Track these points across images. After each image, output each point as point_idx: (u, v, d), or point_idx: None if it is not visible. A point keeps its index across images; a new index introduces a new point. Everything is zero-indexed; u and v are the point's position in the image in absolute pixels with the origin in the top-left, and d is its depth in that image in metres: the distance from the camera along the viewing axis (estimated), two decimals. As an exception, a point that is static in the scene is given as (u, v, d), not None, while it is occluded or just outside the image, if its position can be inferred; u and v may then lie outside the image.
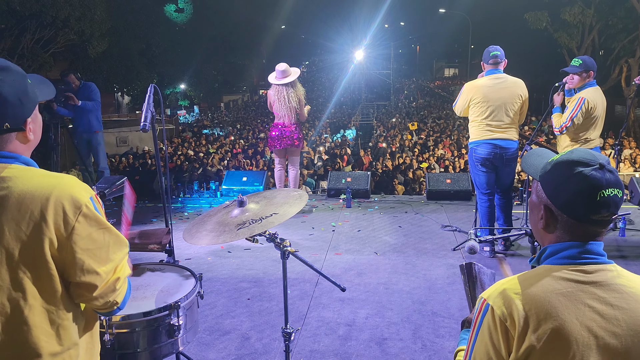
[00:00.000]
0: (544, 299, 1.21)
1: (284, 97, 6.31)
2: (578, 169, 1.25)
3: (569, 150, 1.34)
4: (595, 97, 4.60)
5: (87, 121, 7.20)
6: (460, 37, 50.31)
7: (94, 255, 1.35)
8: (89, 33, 14.36)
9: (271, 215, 2.08)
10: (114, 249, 1.41)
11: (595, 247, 1.29)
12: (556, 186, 1.29)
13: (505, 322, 1.21)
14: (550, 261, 1.31)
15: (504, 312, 1.22)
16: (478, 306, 1.30)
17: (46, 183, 1.31)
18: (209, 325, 3.60)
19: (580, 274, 1.25)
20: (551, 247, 1.32)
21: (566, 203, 1.27)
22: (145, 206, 7.33)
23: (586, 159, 1.27)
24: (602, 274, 1.26)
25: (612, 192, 1.23)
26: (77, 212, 1.31)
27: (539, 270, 1.30)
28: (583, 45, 21.22)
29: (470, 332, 1.31)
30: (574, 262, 1.27)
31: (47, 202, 1.28)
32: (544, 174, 1.34)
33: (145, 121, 2.42)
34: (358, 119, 32.06)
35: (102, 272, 1.37)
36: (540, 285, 1.24)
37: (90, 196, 1.37)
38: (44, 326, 1.32)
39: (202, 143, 18.67)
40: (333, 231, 5.88)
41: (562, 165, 1.29)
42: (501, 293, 1.26)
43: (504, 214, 4.99)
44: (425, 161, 13.83)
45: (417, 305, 3.88)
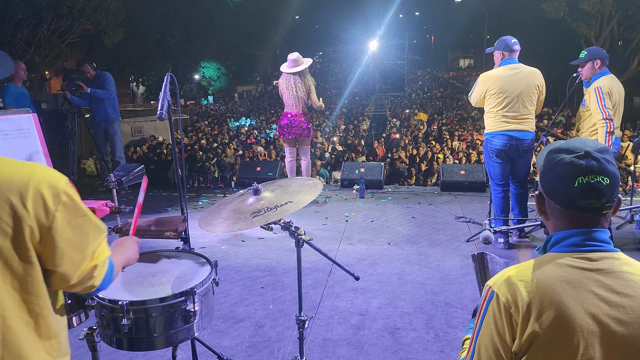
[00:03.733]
0: (548, 286, 1.22)
1: (292, 86, 6.31)
2: (560, 156, 1.29)
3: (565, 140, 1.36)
4: (609, 83, 4.54)
5: (103, 110, 7.28)
6: (476, 27, 49.71)
7: (73, 244, 1.33)
8: (105, 23, 14.45)
9: (286, 204, 2.09)
10: (93, 236, 1.39)
11: (600, 234, 1.29)
12: (544, 173, 1.34)
13: (509, 309, 1.23)
14: (555, 249, 1.32)
15: (508, 299, 1.24)
16: (484, 293, 1.31)
17: (22, 171, 1.28)
18: (223, 313, 3.64)
19: (585, 262, 1.26)
20: (556, 235, 1.33)
21: (551, 189, 1.31)
22: (160, 195, 7.40)
23: (573, 146, 1.29)
24: (607, 261, 1.26)
25: (592, 178, 1.24)
26: (57, 201, 1.29)
27: (544, 258, 1.31)
28: (601, 36, 20.87)
29: (476, 319, 1.33)
30: (578, 250, 1.28)
31: (26, 191, 1.25)
32: (540, 161, 1.38)
33: (162, 109, 2.44)
34: (372, 109, 31.92)
35: (80, 260, 1.35)
36: (545, 272, 1.25)
37: (65, 181, 1.35)
38: (24, 316, 1.29)
39: (216, 133, 18.75)
40: (346, 221, 5.89)
41: (550, 153, 1.34)
42: (506, 280, 1.27)
43: (519, 205, 4.96)
44: (440, 152, 13.75)
45: (430, 296, 3.88)
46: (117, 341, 2.02)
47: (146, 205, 6.76)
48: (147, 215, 6.24)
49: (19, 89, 6.68)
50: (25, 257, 1.27)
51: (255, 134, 18.51)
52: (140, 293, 2.03)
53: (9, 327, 1.26)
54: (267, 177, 7.63)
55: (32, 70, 12.84)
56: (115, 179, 2.42)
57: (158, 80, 22.50)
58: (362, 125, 22.49)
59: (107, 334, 2.02)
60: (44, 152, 2.59)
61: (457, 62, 71.02)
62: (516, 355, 1.24)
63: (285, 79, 6.39)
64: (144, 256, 2.36)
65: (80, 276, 1.37)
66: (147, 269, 2.24)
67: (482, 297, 1.31)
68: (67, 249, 1.32)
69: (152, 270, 2.22)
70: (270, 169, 7.88)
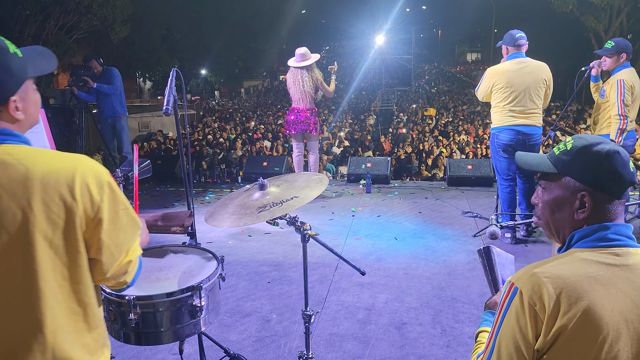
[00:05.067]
0: (575, 282, 1.20)
1: (299, 80, 6.30)
2: (606, 147, 1.29)
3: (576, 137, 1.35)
4: (632, 77, 4.51)
5: (111, 106, 7.31)
6: (483, 21, 49.42)
7: (113, 236, 1.35)
8: (112, 19, 14.47)
9: (292, 199, 2.09)
10: (131, 231, 1.41)
11: (624, 229, 1.28)
12: (594, 168, 1.29)
13: (534, 306, 1.20)
14: (580, 244, 1.30)
15: (532, 296, 1.21)
16: (505, 289, 1.28)
17: (67, 163, 1.30)
18: (230, 308, 3.66)
19: (611, 257, 1.24)
20: (579, 233, 1.31)
21: (608, 180, 1.28)
22: (167, 190, 7.43)
23: (600, 139, 1.32)
24: (632, 257, 1.25)
25: (632, 162, 1.31)
26: (102, 192, 1.32)
27: (569, 254, 1.29)
28: (611, 29, 20.67)
29: (496, 316, 1.30)
30: (604, 245, 1.26)
31: (73, 183, 1.27)
32: (569, 163, 1.33)
33: (168, 105, 2.44)
34: (378, 104, 31.81)
35: (117, 253, 1.37)
36: (571, 268, 1.23)
37: (107, 173, 1.37)
38: (73, 306, 1.32)
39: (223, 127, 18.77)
40: (353, 216, 5.89)
41: (587, 149, 1.31)
42: (531, 277, 1.24)
43: (526, 200, 4.94)
44: (446, 147, 13.70)
45: (436, 291, 3.88)
46: (124, 335, 2.03)
47: (153, 200, 6.82)
48: (154, 209, 6.27)
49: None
50: (74, 247, 1.30)
51: (262, 129, 18.51)
52: (147, 288, 2.04)
53: (57, 318, 1.29)
54: (273, 172, 7.63)
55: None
56: (121, 174, 2.43)
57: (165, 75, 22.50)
58: (369, 120, 22.43)
59: (115, 328, 2.04)
60: (51, 148, 2.60)
61: (465, 56, 70.74)
62: (538, 352, 1.21)
63: (293, 73, 6.37)
64: (151, 251, 2.37)
65: (115, 270, 1.39)
66: (154, 263, 2.25)
67: (504, 294, 1.28)
68: (108, 240, 1.34)
69: (158, 265, 2.23)
70: (276, 164, 7.88)
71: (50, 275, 1.27)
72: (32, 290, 1.26)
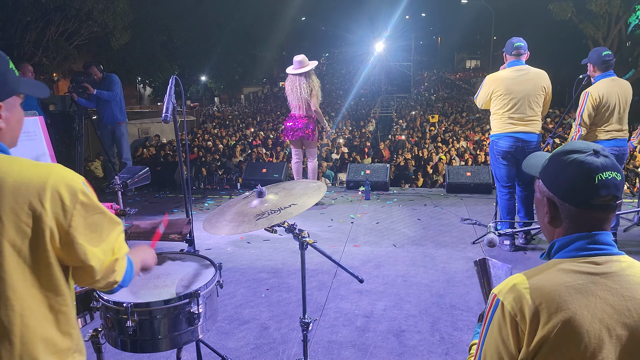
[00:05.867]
0: (555, 292, 1.21)
1: (297, 87, 6.31)
2: (573, 156, 1.28)
3: (564, 144, 1.35)
4: (601, 88, 4.52)
5: (110, 112, 7.33)
6: (483, 28, 49.54)
7: (92, 240, 1.36)
8: (112, 25, 14.50)
9: (290, 206, 2.10)
10: (110, 231, 1.41)
11: (604, 237, 1.29)
12: (555, 176, 1.31)
13: (515, 317, 1.22)
14: (560, 255, 1.31)
15: (514, 307, 1.22)
16: (489, 301, 1.31)
17: (39, 172, 1.31)
18: (228, 315, 3.65)
19: (590, 266, 1.25)
20: (559, 241, 1.32)
21: (566, 190, 1.28)
22: (166, 197, 7.43)
23: (580, 147, 1.30)
24: (612, 264, 1.25)
25: (609, 174, 1.25)
26: (75, 200, 1.32)
27: (549, 265, 1.30)
28: (609, 37, 20.74)
29: (482, 327, 1.32)
30: (583, 254, 1.27)
31: (44, 191, 1.27)
32: (543, 169, 1.36)
33: (167, 112, 2.45)
34: (377, 111, 31.86)
35: (101, 255, 1.38)
36: (551, 278, 1.25)
37: (82, 181, 1.37)
38: (45, 312, 1.33)
39: (223, 134, 18.79)
40: (352, 223, 5.89)
41: (558, 156, 1.32)
42: (511, 288, 1.26)
43: (525, 207, 4.94)
44: (446, 154, 13.71)
45: (435, 298, 3.87)
46: (121, 343, 2.03)
47: (152, 206, 6.81)
48: (152, 217, 6.26)
49: (27, 91, 6.72)
50: (44, 257, 1.30)
51: (261, 135, 18.53)
52: (145, 295, 2.04)
53: (26, 325, 1.29)
54: (273, 178, 7.64)
55: (40, 72, 12.91)
56: (120, 181, 2.43)
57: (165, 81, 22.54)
58: (368, 126, 22.46)
59: (112, 335, 2.03)
60: (50, 155, 2.61)
61: (464, 63, 70.87)
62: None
63: (291, 80, 6.39)
64: (149, 258, 2.37)
65: (103, 271, 1.40)
66: (152, 271, 2.24)
67: (488, 305, 1.31)
68: (87, 245, 1.35)
69: (156, 273, 2.23)
70: (276, 171, 7.89)
71: (19, 283, 1.28)
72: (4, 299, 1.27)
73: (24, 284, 1.28)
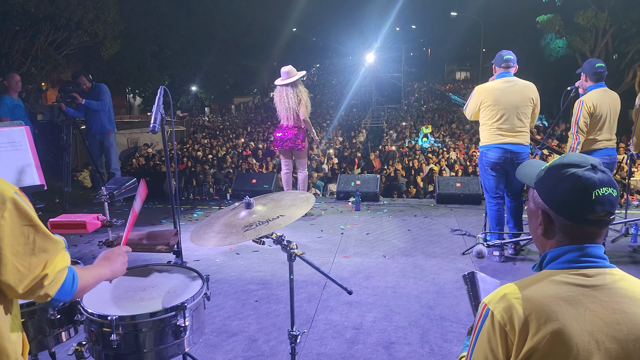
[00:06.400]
0: (544, 303, 1.21)
1: (284, 97, 6.33)
2: (571, 170, 1.27)
3: (561, 156, 1.35)
4: (594, 97, 4.61)
5: (99, 122, 7.28)
6: (472, 40, 50.10)
7: (16, 252, 1.31)
8: (102, 35, 14.44)
9: (278, 217, 2.08)
10: (41, 246, 1.37)
11: (596, 250, 1.29)
12: (551, 189, 1.30)
13: (504, 327, 1.22)
14: (551, 266, 1.31)
15: (503, 316, 1.22)
16: (479, 311, 1.30)
17: None
18: (216, 327, 3.61)
19: (581, 278, 1.25)
20: (551, 253, 1.32)
21: (562, 204, 1.28)
22: (155, 207, 7.37)
23: (578, 161, 1.29)
24: (603, 277, 1.26)
25: (606, 190, 1.24)
26: (3, 207, 1.29)
27: (540, 275, 1.30)
28: (596, 49, 21.03)
29: (471, 337, 1.32)
30: (574, 266, 1.27)
31: None
32: (538, 180, 1.36)
33: (155, 123, 2.43)
34: (368, 121, 32.00)
35: (25, 269, 1.33)
36: (541, 289, 1.24)
37: (15, 191, 1.34)
38: None
39: (213, 144, 18.75)
40: (342, 234, 5.87)
41: (555, 169, 1.31)
42: (502, 298, 1.26)
43: (514, 218, 4.96)
44: (436, 164, 13.77)
45: (425, 310, 3.86)
46: (106, 357, 1.99)
47: (141, 217, 6.72)
48: (140, 227, 6.21)
49: (14, 100, 6.68)
50: None
51: (252, 145, 18.51)
52: (130, 308, 2.01)
53: None
54: (262, 189, 7.61)
55: (29, 82, 12.81)
56: (107, 192, 2.40)
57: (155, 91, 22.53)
58: (359, 137, 22.52)
59: (97, 349, 2.00)
60: (35, 165, 2.58)
61: (454, 75, 71.43)
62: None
63: (279, 91, 6.41)
64: (135, 270, 2.34)
65: (28, 286, 1.35)
66: (138, 283, 2.22)
67: (478, 315, 1.30)
68: (10, 257, 1.30)
69: (142, 285, 2.20)
70: (266, 181, 7.86)
71: None
72: None
73: None
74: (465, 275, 1.74)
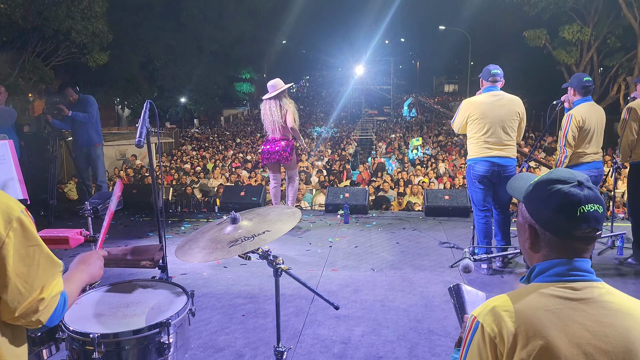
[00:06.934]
0: (533, 316, 1.22)
1: (268, 110, 6.32)
2: (557, 187, 1.29)
3: (549, 171, 1.36)
4: (583, 111, 4.66)
5: (86, 134, 7.21)
6: (460, 54, 50.65)
7: (20, 273, 1.29)
8: (90, 46, 14.42)
9: (264, 233, 2.06)
10: (44, 268, 1.35)
11: (583, 264, 1.30)
12: (537, 204, 1.32)
13: (494, 340, 1.22)
14: (539, 279, 1.32)
15: (493, 329, 1.23)
16: (468, 324, 1.30)
17: None
18: (202, 342, 3.56)
19: (569, 291, 1.26)
20: (539, 266, 1.34)
21: (548, 220, 1.29)
22: (142, 220, 7.31)
23: (565, 177, 1.30)
24: (590, 291, 1.27)
25: (592, 207, 1.26)
26: (9, 227, 1.27)
27: (528, 288, 1.31)
28: (582, 63, 21.33)
29: (461, 350, 1.32)
30: (562, 280, 1.28)
31: None
32: (526, 194, 1.37)
33: (140, 137, 2.41)
34: (357, 133, 32.13)
35: (26, 291, 1.31)
36: (530, 302, 1.25)
37: (21, 209, 1.32)
38: None
39: (202, 156, 18.69)
40: (330, 247, 5.85)
41: (542, 184, 1.33)
42: (491, 310, 1.27)
43: (501, 231, 4.97)
44: (425, 176, 13.81)
45: (413, 323, 3.84)
46: (88, 376, 1.94)
47: (128, 230, 6.69)
48: (127, 240, 6.15)
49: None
50: None
51: (240, 157, 18.47)
52: (113, 325, 1.97)
53: None
54: (251, 201, 7.58)
55: (15, 93, 12.72)
56: (90, 207, 2.37)
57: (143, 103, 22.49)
58: (348, 149, 22.57)
59: (78, 368, 1.95)
60: (18, 179, 2.54)
61: (442, 87, 72.08)
62: None
63: (264, 105, 6.40)
64: (119, 286, 2.30)
65: (24, 309, 1.32)
66: (122, 299, 2.18)
67: (467, 328, 1.30)
68: (14, 277, 1.28)
69: (126, 301, 2.16)
70: (254, 194, 7.83)
71: None
72: None
73: None
74: (451, 287, 1.74)
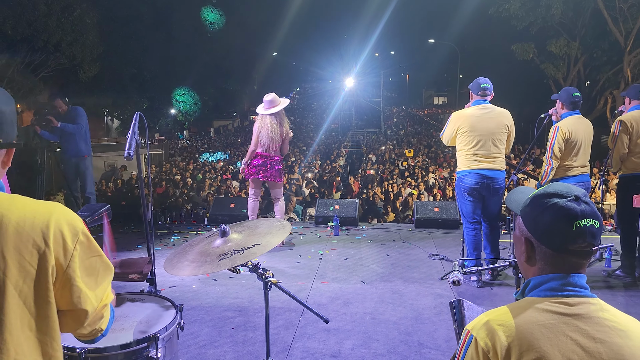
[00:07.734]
0: (527, 331, 1.22)
1: (267, 126, 6.09)
2: (554, 200, 1.29)
3: (547, 185, 1.37)
4: (570, 124, 4.73)
5: (75, 145, 7.14)
6: (449, 67, 51.06)
7: (88, 283, 1.33)
8: (80, 57, 14.38)
9: (253, 246, 2.06)
10: (104, 276, 1.39)
11: (578, 279, 1.30)
12: (534, 218, 1.32)
13: (488, 354, 1.22)
14: (533, 294, 1.32)
15: (487, 343, 1.23)
16: (463, 337, 1.31)
17: (42, 210, 1.27)
18: (191, 356, 3.53)
19: (562, 306, 1.26)
20: (534, 280, 1.34)
21: (544, 233, 1.30)
22: (131, 232, 7.25)
23: (562, 191, 1.31)
24: (584, 306, 1.27)
25: (588, 222, 1.26)
26: (75, 239, 1.29)
27: (523, 303, 1.31)
28: (569, 77, 21.59)
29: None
30: (556, 295, 1.28)
31: (47, 229, 1.24)
32: (523, 207, 1.38)
33: (130, 149, 2.40)
34: (348, 145, 32.21)
35: (94, 299, 1.34)
36: (523, 317, 1.25)
37: (82, 221, 1.36)
38: (37, 358, 1.27)
39: (191, 168, 18.62)
40: (320, 259, 5.83)
41: (539, 198, 1.33)
42: (485, 324, 1.27)
43: (490, 244, 4.99)
44: (415, 188, 13.85)
45: (403, 336, 3.83)
46: (74, 391, 1.92)
47: (116, 242, 6.62)
48: (116, 253, 6.09)
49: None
50: (44, 297, 1.26)
51: (230, 169, 18.43)
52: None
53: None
54: (241, 213, 7.54)
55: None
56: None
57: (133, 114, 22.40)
58: (338, 160, 22.61)
59: (64, 383, 1.92)
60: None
61: (432, 100, 72.61)
62: None
63: (262, 119, 6.17)
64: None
65: (92, 316, 1.36)
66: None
67: (461, 341, 1.31)
68: (83, 288, 1.31)
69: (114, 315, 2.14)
70: (244, 206, 7.78)
71: (16, 325, 1.22)
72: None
73: (21, 327, 1.23)
74: (452, 302, 1.74)
